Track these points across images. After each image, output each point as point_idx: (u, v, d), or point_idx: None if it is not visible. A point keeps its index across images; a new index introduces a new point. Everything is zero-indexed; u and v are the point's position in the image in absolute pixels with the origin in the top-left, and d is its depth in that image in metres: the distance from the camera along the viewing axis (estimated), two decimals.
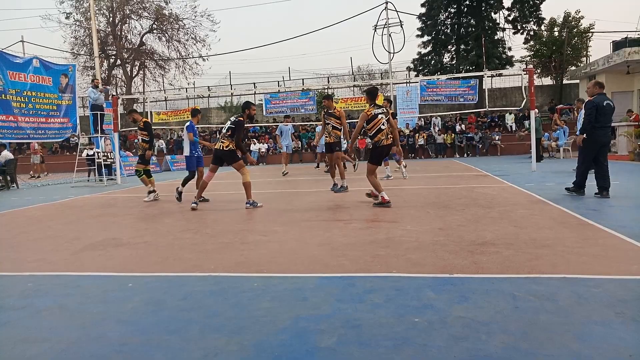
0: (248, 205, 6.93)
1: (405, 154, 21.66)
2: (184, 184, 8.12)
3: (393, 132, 6.58)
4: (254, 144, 23.69)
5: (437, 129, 23.18)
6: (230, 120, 7.16)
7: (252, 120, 7.60)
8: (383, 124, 6.39)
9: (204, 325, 2.53)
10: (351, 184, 8.75)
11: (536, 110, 17.76)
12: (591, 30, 27.59)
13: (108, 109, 14.46)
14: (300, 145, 23.45)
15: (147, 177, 8.70)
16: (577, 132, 7.23)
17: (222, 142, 6.94)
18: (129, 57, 30.60)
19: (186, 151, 8.18)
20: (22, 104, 12.77)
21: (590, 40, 28.03)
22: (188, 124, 8.24)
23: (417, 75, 26.42)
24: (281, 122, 16.02)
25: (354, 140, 6.98)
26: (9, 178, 13.32)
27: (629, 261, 3.42)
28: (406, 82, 25.58)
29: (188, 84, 31.28)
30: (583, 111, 7.05)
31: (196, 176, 8.25)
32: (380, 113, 6.41)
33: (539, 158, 15.05)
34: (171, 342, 2.33)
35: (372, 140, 6.60)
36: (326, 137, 8.87)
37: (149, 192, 8.59)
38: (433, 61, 27.52)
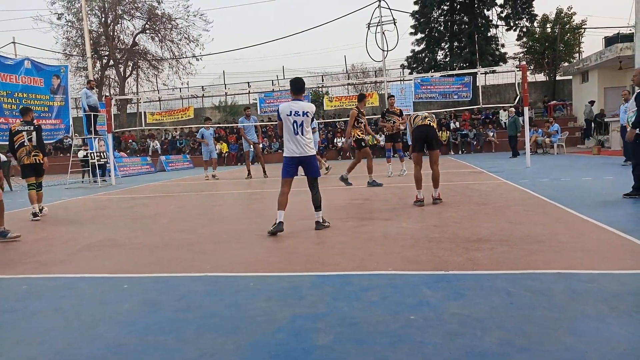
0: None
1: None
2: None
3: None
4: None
5: None
6: None
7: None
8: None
9: (200, 326, 2.53)
10: (353, 181, 8.74)
11: (512, 110, 18.02)
12: (583, 27, 27.76)
13: (102, 110, 14.38)
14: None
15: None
16: (629, 125, 6.36)
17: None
18: (121, 58, 30.45)
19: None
20: (13, 106, 12.64)
21: (582, 37, 28.22)
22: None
23: (411, 73, 26.51)
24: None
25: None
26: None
27: (623, 256, 3.45)
28: (400, 80, 25.60)
29: (182, 83, 31.22)
30: (632, 103, 6.35)
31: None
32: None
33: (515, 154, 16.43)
34: (167, 343, 2.33)
35: None
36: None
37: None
38: (427, 58, 27.56)
